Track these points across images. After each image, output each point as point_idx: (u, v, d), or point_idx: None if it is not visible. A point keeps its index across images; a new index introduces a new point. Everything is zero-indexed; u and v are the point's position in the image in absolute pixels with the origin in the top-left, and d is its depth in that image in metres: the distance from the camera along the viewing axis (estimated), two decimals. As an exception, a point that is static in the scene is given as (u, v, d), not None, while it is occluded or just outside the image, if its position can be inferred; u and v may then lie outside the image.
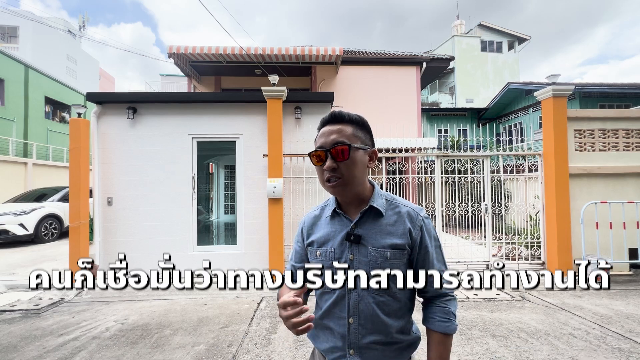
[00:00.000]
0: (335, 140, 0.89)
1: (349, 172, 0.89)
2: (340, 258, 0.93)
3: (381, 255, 0.90)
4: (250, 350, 2.70)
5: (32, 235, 7.35)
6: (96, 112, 4.90)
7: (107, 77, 29.37)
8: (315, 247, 0.98)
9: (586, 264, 1.04)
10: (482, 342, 2.75)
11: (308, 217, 1.07)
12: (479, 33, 21.22)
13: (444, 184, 5.27)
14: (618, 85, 11.34)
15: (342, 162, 0.88)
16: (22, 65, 13.71)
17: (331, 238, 0.96)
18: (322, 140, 0.91)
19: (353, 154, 0.88)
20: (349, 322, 0.90)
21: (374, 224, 0.93)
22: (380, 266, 0.90)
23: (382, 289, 0.88)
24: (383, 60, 10.94)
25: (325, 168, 0.89)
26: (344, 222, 0.96)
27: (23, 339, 2.90)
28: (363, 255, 0.91)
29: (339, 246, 0.94)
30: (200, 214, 5.38)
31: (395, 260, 0.91)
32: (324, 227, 0.99)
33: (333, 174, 0.89)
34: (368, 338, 0.89)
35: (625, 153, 4.87)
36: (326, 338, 0.95)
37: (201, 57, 9.54)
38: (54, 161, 13.43)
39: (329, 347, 0.94)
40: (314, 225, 1.03)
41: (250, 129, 5.01)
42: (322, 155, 0.89)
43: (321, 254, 0.96)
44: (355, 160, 0.89)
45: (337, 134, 0.90)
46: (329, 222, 0.99)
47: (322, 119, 0.95)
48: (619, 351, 2.57)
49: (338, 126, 0.91)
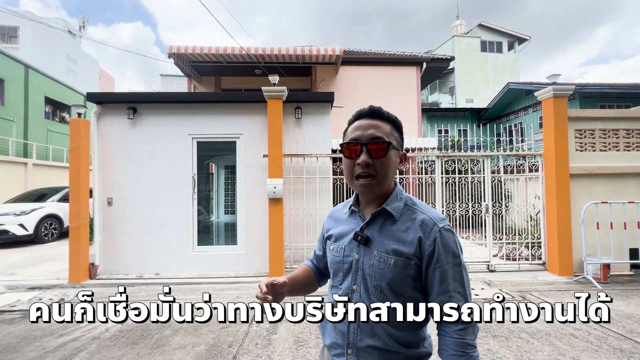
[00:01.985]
0: (374, 135, 0.84)
1: (383, 170, 0.85)
2: (349, 256, 0.92)
3: (385, 261, 0.85)
4: (250, 350, 2.69)
5: (32, 236, 7.35)
6: (96, 112, 4.89)
7: (107, 77, 29.37)
8: (331, 242, 0.99)
9: (586, 297, 1.04)
10: (483, 342, 2.75)
11: (334, 210, 1.07)
12: (479, 33, 21.22)
13: (444, 184, 5.26)
14: (618, 85, 11.34)
15: (377, 159, 0.84)
16: (22, 65, 13.71)
17: (344, 235, 0.95)
18: (357, 133, 0.86)
19: (389, 153, 0.84)
20: (349, 321, 0.89)
21: (384, 228, 0.88)
22: (381, 272, 0.85)
23: (380, 294, 0.85)
24: (383, 61, 10.95)
25: (359, 162, 0.84)
26: (358, 220, 0.94)
27: (23, 340, 2.90)
28: (368, 257, 0.88)
29: (349, 244, 0.92)
30: (200, 214, 5.38)
31: (399, 270, 0.83)
32: (342, 223, 0.99)
33: (366, 170, 0.84)
34: (366, 341, 0.86)
35: (626, 153, 4.87)
36: (330, 333, 0.94)
37: (201, 57, 9.54)
38: (54, 161, 13.44)
39: (331, 343, 0.93)
40: (335, 220, 1.03)
41: (251, 129, 5.01)
42: (357, 148, 0.84)
43: (334, 248, 0.96)
44: (391, 159, 0.85)
45: (375, 129, 0.85)
46: (347, 218, 0.98)
47: (358, 111, 0.90)
48: (620, 351, 2.56)
49: (376, 122, 0.87)
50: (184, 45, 9.05)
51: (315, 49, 9.34)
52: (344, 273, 0.92)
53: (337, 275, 0.94)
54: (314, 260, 1.14)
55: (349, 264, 0.91)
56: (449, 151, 6.21)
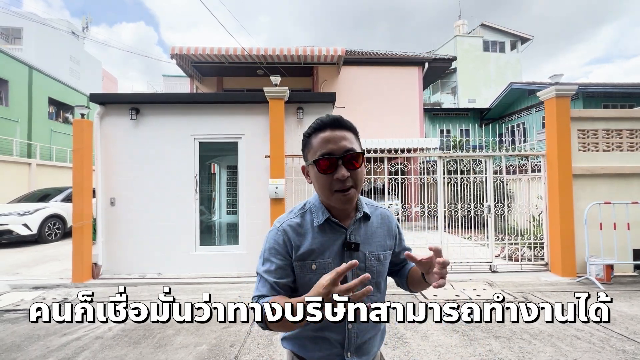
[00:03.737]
0: (346, 147, 0.84)
1: (360, 180, 0.86)
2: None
3: (376, 258, 0.93)
4: (252, 350, 2.70)
5: (36, 236, 7.40)
6: (99, 113, 4.92)
7: (109, 78, 29.53)
8: (310, 261, 0.88)
9: (586, 296, 1.04)
10: (485, 343, 2.74)
11: (288, 226, 0.92)
12: (481, 33, 21.17)
13: (446, 185, 5.25)
14: (622, 85, 11.27)
15: (354, 171, 0.84)
16: (26, 66, 13.82)
17: (327, 248, 0.89)
18: (330, 146, 0.83)
19: (362, 162, 0.86)
20: (348, 328, 0.91)
21: (364, 230, 0.94)
22: (375, 269, 0.93)
23: (376, 288, 0.94)
24: (385, 61, 10.94)
25: (338, 177, 0.82)
26: (336, 230, 0.91)
27: (27, 339, 2.92)
28: (360, 261, 0.90)
29: (337, 256, 0.89)
30: (202, 214, 5.39)
31: (386, 261, 0.96)
32: (315, 237, 0.90)
33: (347, 184, 0.83)
34: (365, 337, 0.93)
35: (629, 153, 4.84)
36: (319, 347, 0.91)
37: (203, 58, 9.58)
38: (57, 162, 13.52)
39: (323, 355, 0.91)
40: (300, 236, 0.91)
41: (252, 130, 5.02)
42: (332, 162, 0.82)
43: (317, 266, 0.88)
44: (363, 169, 0.88)
45: (346, 141, 0.84)
46: (319, 231, 0.90)
47: (320, 121, 0.88)
48: (623, 353, 2.55)
49: (343, 132, 0.86)
50: (186, 46, 9.08)
51: (317, 49, 9.35)
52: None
53: None
54: (281, 292, 0.88)
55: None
56: (451, 151, 6.20)
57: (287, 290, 0.89)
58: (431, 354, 2.60)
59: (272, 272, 0.89)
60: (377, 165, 5.19)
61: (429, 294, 3.95)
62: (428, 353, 2.61)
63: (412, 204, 5.56)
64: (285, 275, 0.89)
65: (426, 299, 3.80)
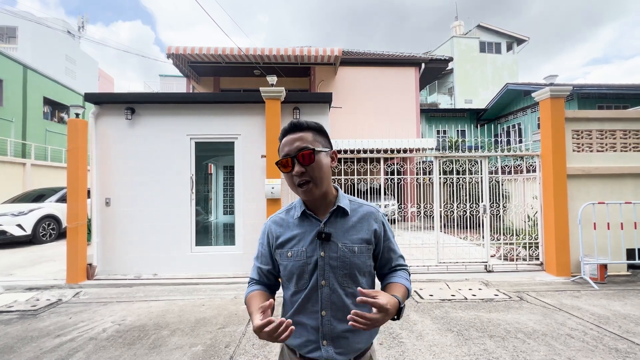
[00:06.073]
0: (300, 146, 0.94)
1: (316, 173, 0.95)
2: (312, 256, 0.97)
3: (350, 250, 0.98)
4: (247, 351, 2.69)
5: (30, 236, 7.34)
6: (94, 113, 4.89)
7: (106, 78, 29.36)
8: (287, 249, 1.02)
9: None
10: (479, 342, 2.75)
11: (273, 220, 1.10)
12: (478, 34, 21.27)
13: (442, 185, 5.27)
14: (616, 86, 11.37)
15: (308, 166, 0.94)
16: (20, 65, 13.69)
17: (302, 238, 1.01)
18: (286, 148, 0.96)
19: (318, 157, 0.95)
20: (321, 314, 0.96)
21: (341, 223, 1.01)
22: (349, 260, 0.98)
23: (350, 280, 0.98)
24: (382, 61, 10.96)
25: (294, 173, 0.94)
26: (313, 222, 1.01)
27: (20, 340, 2.89)
28: (333, 251, 0.97)
29: (310, 245, 0.99)
30: (198, 214, 5.37)
31: (362, 254, 1.00)
32: (293, 229, 1.03)
33: (303, 177, 0.95)
34: (340, 327, 0.95)
35: (622, 154, 4.88)
36: (298, 334, 0.98)
37: (200, 58, 9.55)
38: (52, 162, 13.42)
39: (302, 342, 0.97)
40: (282, 227, 1.06)
41: (249, 130, 5.01)
42: (289, 162, 0.95)
43: (293, 254, 1.00)
44: (321, 163, 0.96)
45: (300, 141, 0.95)
46: (298, 223, 1.03)
47: (283, 129, 1.01)
48: (616, 352, 2.57)
49: (299, 134, 0.97)
50: (182, 46, 9.05)
51: (314, 50, 9.35)
52: (310, 273, 0.98)
53: (302, 277, 0.98)
54: (261, 279, 1.09)
55: (314, 263, 0.97)
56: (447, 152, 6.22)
57: (269, 276, 1.09)
58: (426, 353, 2.61)
59: (258, 258, 1.10)
60: (373, 166, 5.20)
61: (424, 294, 3.97)
62: (423, 353, 2.62)
63: (409, 204, 5.58)
64: (266, 262, 1.08)
65: (422, 299, 3.82)
